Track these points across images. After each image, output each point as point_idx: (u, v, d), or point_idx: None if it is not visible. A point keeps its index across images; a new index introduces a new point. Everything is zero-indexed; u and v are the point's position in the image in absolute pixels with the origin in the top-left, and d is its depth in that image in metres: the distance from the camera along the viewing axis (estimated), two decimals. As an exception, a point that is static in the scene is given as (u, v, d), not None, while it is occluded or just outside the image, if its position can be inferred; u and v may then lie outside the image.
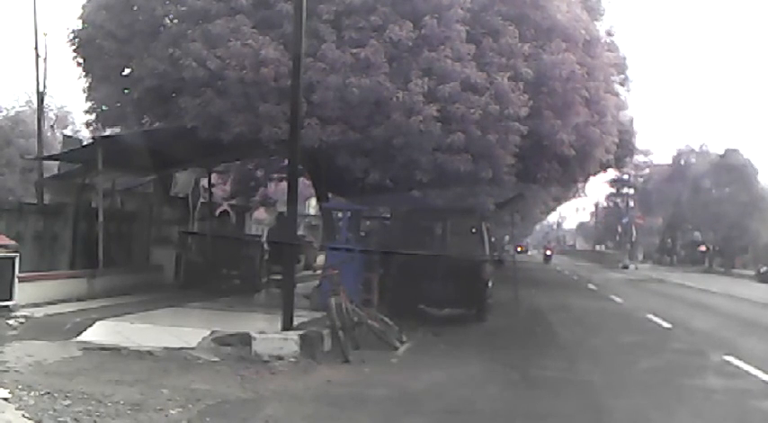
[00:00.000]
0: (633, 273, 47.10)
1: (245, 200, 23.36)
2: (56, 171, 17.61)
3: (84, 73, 13.88)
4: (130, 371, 7.92)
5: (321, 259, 17.03)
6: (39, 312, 10.19)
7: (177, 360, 8.63)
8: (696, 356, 12.12)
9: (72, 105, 45.24)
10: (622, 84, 20.79)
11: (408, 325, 11.80)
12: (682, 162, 64.35)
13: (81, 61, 13.64)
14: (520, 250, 53.71)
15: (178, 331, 9.71)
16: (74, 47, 13.45)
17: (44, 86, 17.26)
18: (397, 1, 12.08)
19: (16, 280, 10.27)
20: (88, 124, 15.46)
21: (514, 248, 40.82)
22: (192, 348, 9.07)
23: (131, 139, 13.55)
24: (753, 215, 56.88)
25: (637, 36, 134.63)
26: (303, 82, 10.50)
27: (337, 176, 14.10)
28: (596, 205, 79.25)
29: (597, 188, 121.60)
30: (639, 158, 58.85)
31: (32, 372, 7.53)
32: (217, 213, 19.62)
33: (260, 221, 27.24)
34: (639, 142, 50.05)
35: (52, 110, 34.77)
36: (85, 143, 16.67)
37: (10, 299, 10.10)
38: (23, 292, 10.44)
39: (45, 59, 16.75)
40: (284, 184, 15.95)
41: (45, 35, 18.71)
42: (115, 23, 12.74)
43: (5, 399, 6.37)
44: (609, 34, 18.11)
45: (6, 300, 10.05)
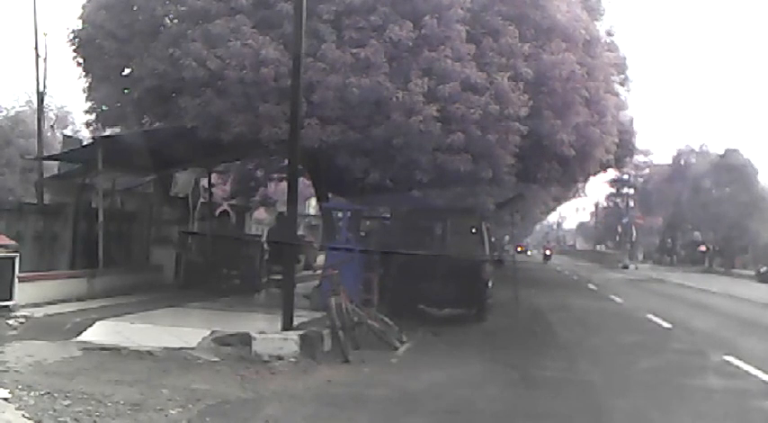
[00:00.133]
0: (633, 273, 47.09)
1: (245, 200, 23.35)
2: (56, 171, 17.60)
3: (84, 73, 13.88)
4: (130, 371, 7.92)
5: (321, 259, 17.04)
6: (39, 312, 10.18)
7: (177, 360, 8.63)
8: (696, 356, 12.12)
9: (72, 105, 45.33)
10: (622, 84, 20.79)
11: (408, 325, 11.80)
12: (682, 162, 64.36)
13: (81, 61, 13.65)
14: (520, 250, 53.90)
15: (178, 331, 9.70)
16: (74, 47, 13.45)
17: (44, 86, 17.28)
18: (397, 1, 12.09)
19: (16, 280, 10.27)
20: (88, 124, 15.48)
21: (514, 248, 40.91)
22: (192, 348, 9.07)
23: (131, 139, 13.55)
24: (753, 215, 56.89)
25: (637, 36, 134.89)
26: (303, 82, 10.50)
27: (337, 176, 14.09)
28: (596, 205, 79.45)
29: (597, 188, 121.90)
30: (639, 158, 59.01)
31: (32, 372, 7.53)
32: (217, 213, 19.61)
33: (260, 221, 27.23)
34: (639, 142, 50.15)
35: (52, 110, 34.82)
36: (85, 143, 16.69)
37: (10, 299, 10.10)
38: (23, 292, 10.44)
39: (45, 59, 16.78)
40: (284, 184, 15.97)
41: (45, 35, 18.65)
42: (115, 23, 12.74)
43: (5, 399, 6.37)
44: (609, 34, 18.13)
45: (6, 300, 10.04)
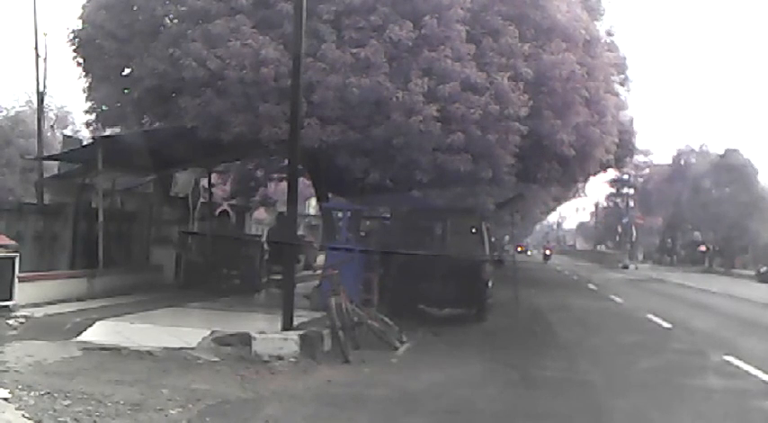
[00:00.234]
0: (633, 273, 47.09)
1: (245, 200, 23.35)
2: (56, 171, 17.61)
3: (84, 73, 13.87)
4: (130, 371, 7.91)
5: (321, 259, 17.03)
6: (39, 312, 10.18)
7: (177, 360, 8.63)
8: (696, 356, 12.12)
9: (72, 105, 45.39)
10: (622, 84, 20.81)
11: (408, 325, 11.79)
12: (682, 162, 64.37)
13: (81, 61, 13.64)
14: (520, 250, 54.01)
15: (178, 331, 9.69)
16: (74, 47, 13.44)
17: (44, 86, 17.33)
18: (397, 1, 12.08)
19: (16, 280, 10.26)
20: (88, 124, 15.48)
21: (514, 248, 40.92)
22: (192, 348, 9.07)
23: (131, 139, 13.55)
24: (753, 215, 56.91)
25: (637, 36, 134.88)
26: (303, 82, 10.50)
27: (337, 176, 14.09)
28: (596, 205, 79.51)
29: (597, 188, 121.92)
30: (639, 158, 59.11)
31: (32, 372, 7.53)
32: (217, 213, 19.61)
33: (260, 221, 27.23)
34: (639, 142, 50.24)
35: (52, 110, 34.85)
36: (85, 143, 16.69)
37: (10, 299, 10.09)
38: (23, 292, 10.43)
39: (45, 59, 16.82)
40: (284, 184, 15.96)
41: (45, 35, 18.78)
42: (115, 23, 12.74)
43: (5, 399, 6.37)
44: (609, 34, 18.14)
45: (6, 300, 10.04)
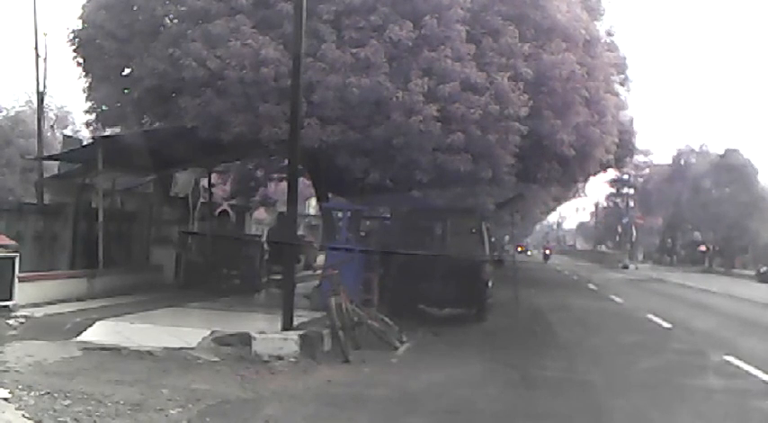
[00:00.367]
0: (633, 273, 47.09)
1: (245, 200, 23.36)
2: (56, 171, 17.60)
3: (84, 73, 13.88)
4: (130, 371, 7.91)
5: (321, 259, 17.03)
6: (39, 312, 10.18)
7: (177, 360, 8.63)
8: (696, 356, 12.12)
9: (72, 105, 45.34)
10: (622, 84, 20.80)
11: (408, 325, 11.79)
12: (682, 162, 64.38)
13: (81, 61, 13.64)
14: (520, 250, 54.03)
15: (178, 331, 9.69)
16: (74, 47, 13.44)
17: (44, 86, 17.29)
18: (397, 1, 12.09)
19: (16, 280, 10.26)
20: (88, 124, 15.49)
21: (514, 248, 40.93)
22: (192, 348, 9.07)
23: (131, 139, 13.54)
24: (753, 215, 56.91)
25: (637, 36, 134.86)
26: (303, 82, 10.50)
27: (337, 176, 14.09)
28: (596, 205, 79.49)
29: (597, 188, 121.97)
30: (639, 158, 59.07)
31: (32, 372, 7.53)
32: (217, 213, 19.61)
33: (260, 221, 27.22)
34: (639, 142, 50.28)
35: (52, 110, 34.84)
36: (85, 143, 16.69)
37: (10, 299, 10.09)
38: (23, 292, 10.43)
39: (45, 59, 16.78)
40: (284, 184, 15.95)
41: (45, 35, 18.65)
42: (115, 23, 12.74)
43: (5, 399, 6.37)
44: (609, 34, 18.13)
45: (6, 300, 10.04)
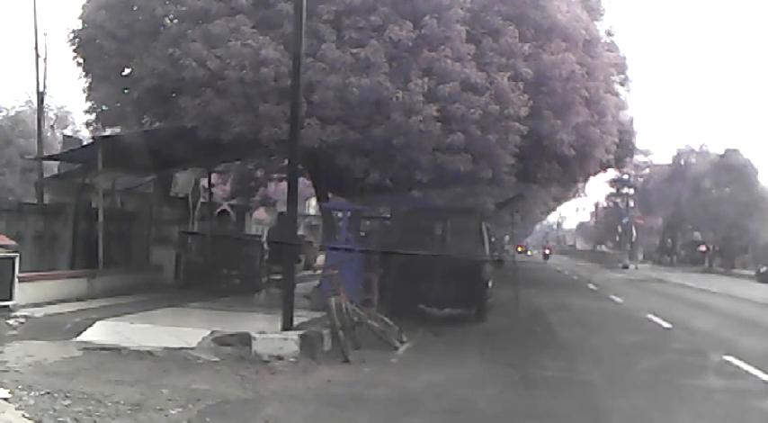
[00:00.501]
0: (633, 273, 47.12)
1: (245, 200, 23.35)
2: (56, 171, 17.61)
3: (84, 73, 13.87)
4: (130, 371, 7.91)
5: (321, 259, 17.03)
6: (39, 312, 10.18)
7: (177, 360, 8.63)
8: (696, 356, 12.12)
9: (72, 105, 45.36)
10: (622, 84, 20.78)
11: (408, 325, 11.79)
12: (682, 162, 64.43)
13: (81, 61, 13.63)
14: (520, 250, 54.05)
15: (178, 331, 9.70)
16: (74, 47, 13.44)
17: (44, 86, 17.30)
18: (397, 1, 12.08)
19: (16, 280, 10.27)
20: (88, 124, 15.47)
21: (514, 248, 40.93)
22: (192, 348, 9.07)
23: (131, 139, 13.54)
24: (753, 215, 56.93)
25: (637, 36, 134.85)
26: (303, 82, 10.50)
27: (337, 176, 14.09)
28: (596, 205, 79.46)
29: (597, 188, 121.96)
30: (639, 158, 59.10)
31: (32, 372, 7.53)
32: (217, 213, 19.62)
33: (260, 221, 27.21)
34: (639, 142, 50.29)
35: (52, 110, 34.86)
36: (85, 143, 16.68)
37: (10, 299, 10.10)
38: (23, 292, 10.44)
39: (45, 59, 16.79)
40: (284, 184, 15.95)
41: (45, 35, 18.67)
42: (115, 23, 12.74)
43: (5, 399, 6.37)
44: (609, 34, 18.11)
45: (6, 300, 10.04)
